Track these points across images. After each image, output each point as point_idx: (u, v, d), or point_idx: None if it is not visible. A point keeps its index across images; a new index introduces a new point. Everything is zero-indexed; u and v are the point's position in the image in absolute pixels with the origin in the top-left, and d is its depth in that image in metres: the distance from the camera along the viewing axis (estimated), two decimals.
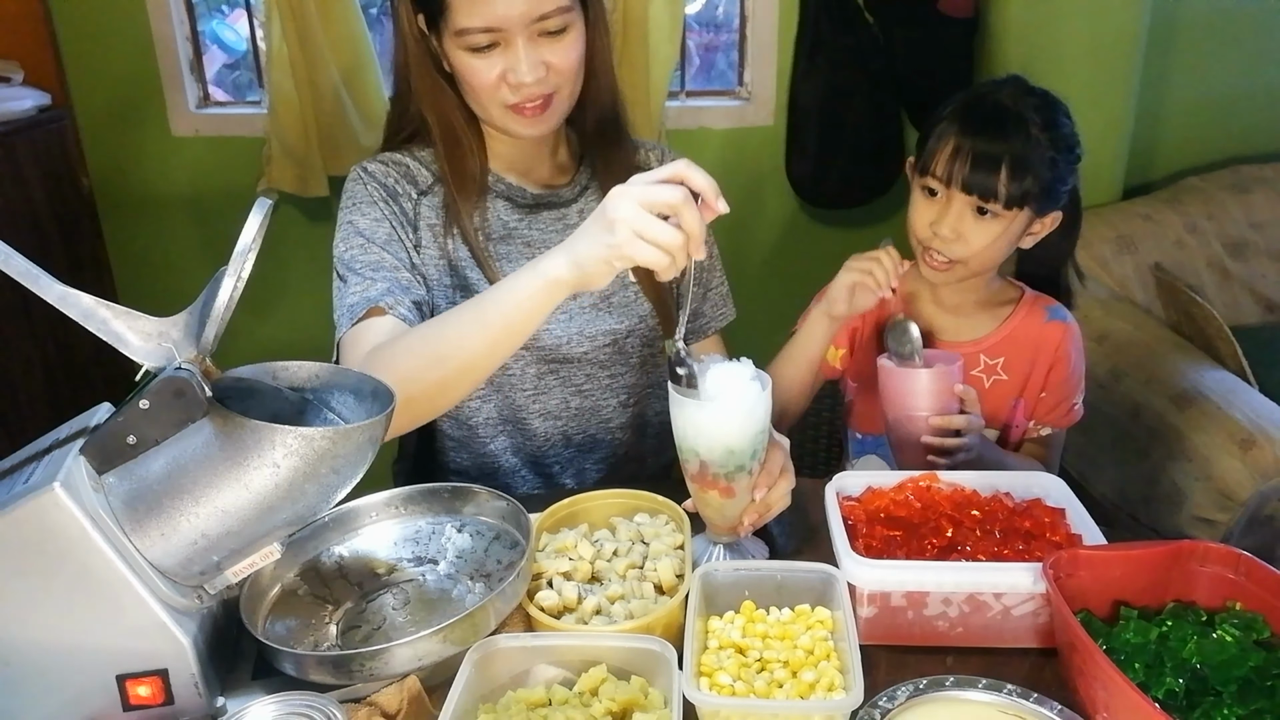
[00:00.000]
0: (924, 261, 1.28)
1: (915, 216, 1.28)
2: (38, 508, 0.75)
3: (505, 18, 1.12)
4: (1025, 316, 1.35)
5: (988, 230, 1.23)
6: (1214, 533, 1.73)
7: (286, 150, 2.47)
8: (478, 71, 1.17)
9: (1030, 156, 1.20)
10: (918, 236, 1.28)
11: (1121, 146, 2.43)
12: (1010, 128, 1.21)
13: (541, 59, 1.16)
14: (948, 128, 1.23)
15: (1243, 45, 2.55)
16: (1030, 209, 1.23)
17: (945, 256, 1.25)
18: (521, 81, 1.15)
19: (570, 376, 1.33)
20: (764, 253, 2.73)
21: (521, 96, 1.17)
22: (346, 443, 0.80)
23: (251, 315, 2.60)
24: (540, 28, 1.14)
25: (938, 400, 1.20)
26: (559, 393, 1.33)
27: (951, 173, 1.21)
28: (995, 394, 1.34)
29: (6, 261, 0.73)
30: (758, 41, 2.54)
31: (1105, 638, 0.84)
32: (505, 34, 1.13)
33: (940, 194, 1.24)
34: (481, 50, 1.15)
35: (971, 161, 1.20)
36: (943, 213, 1.24)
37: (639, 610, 0.90)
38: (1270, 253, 2.41)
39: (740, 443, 0.96)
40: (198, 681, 0.81)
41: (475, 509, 1.05)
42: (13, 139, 2.35)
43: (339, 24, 2.37)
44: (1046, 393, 1.34)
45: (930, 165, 1.24)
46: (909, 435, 1.22)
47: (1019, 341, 1.34)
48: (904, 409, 1.22)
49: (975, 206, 1.22)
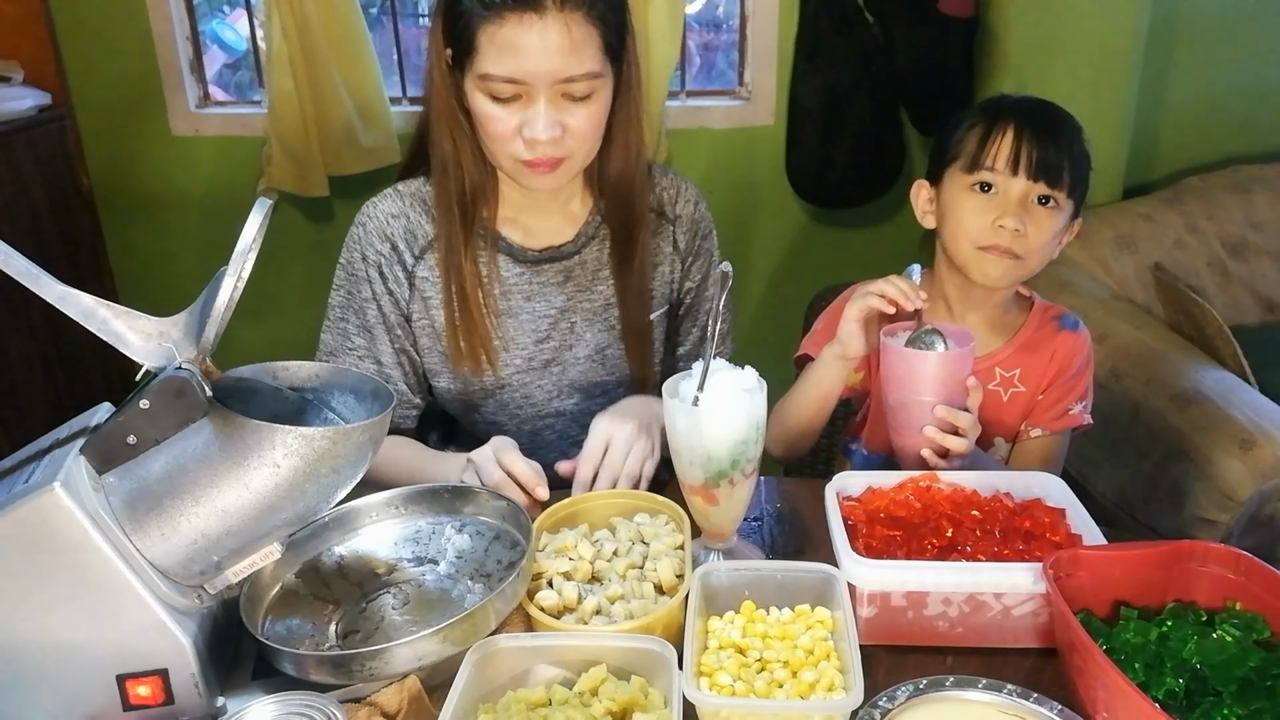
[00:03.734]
0: (987, 259, 1.23)
1: (969, 219, 1.23)
2: (38, 508, 0.75)
3: (532, 73, 1.10)
4: (1038, 327, 1.33)
5: (1051, 221, 1.22)
6: (1214, 533, 1.73)
7: (286, 150, 2.47)
8: (495, 120, 1.14)
9: (1082, 152, 1.23)
10: (974, 239, 1.23)
11: (1121, 146, 2.43)
12: (1062, 122, 1.23)
13: (560, 120, 1.13)
14: (1000, 122, 1.22)
15: (1243, 45, 2.56)
16: (1074, 206, 1.24)
17: (1011, 250, 1.21)
18: (536, 138, 1.13)
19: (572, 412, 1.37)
20: (763, 252, 2.73)
21: (535, 154, 1.15)
22: (346, 443, 0.80)
23: (252, 315, 2.59)
24: (565, 89, 1.12)
25: (945, 387, 1.10)
26: (562, 403, 1.36)
27: (1018, 160, 1.20)
28: (1014, 407, 1.32)
29: (6, 261, 0.73)
30: (758, 41, 2.55)
31: (1105, 638, 0.84)
32: (529, 88, 1.11)
33: (997, 188, 1.22)
34: (502, 100, 1.13)
35: (1038, 149, 1.20)
36: (1004, 205, 1.21)
37: (639, 610, 0.90)
38: (1270, 253, 2.41)
39: (719, 450, 0.96)
40: (198, 681, 0.81)
41: (475, 509, 1.05)
42: (13, 139, 2.36)
43: (339, 24, 2.37)
44: (1043, 395, 1.32)
45: (985, 159, 1.22)
46: (909, 421, 1.13)
47: (1034, 352, 1.31)
48: (909, 393, 1.12)
49: (1039, 195, 1.21)
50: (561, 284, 1.31)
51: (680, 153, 2.56)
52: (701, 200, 1.38)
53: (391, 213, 1.28)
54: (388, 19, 2.62)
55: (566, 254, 1.31)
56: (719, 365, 1.00)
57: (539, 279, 1.30)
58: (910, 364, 1.11)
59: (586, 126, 1.16)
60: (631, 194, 1.28)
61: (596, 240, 1.32)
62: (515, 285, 1.30)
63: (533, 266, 1.30)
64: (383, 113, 2.49)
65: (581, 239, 1.32)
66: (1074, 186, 1.22)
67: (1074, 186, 1.22)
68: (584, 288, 1.32)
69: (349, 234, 1.29)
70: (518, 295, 1.30)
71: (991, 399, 1.27)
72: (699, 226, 1.37)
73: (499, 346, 1.30)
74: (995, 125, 1.22)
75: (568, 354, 1.33)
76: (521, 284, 1.30)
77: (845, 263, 2.69)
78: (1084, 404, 1.32)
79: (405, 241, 1.28)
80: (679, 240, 1.36)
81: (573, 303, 1.32)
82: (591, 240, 1.32)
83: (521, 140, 1.14)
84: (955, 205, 1.26)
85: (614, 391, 1.36)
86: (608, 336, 1.34)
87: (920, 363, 1.10)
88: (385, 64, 2.56)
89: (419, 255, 1.28)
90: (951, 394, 1.11)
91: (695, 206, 1.37)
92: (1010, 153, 1.21)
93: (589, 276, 1.32)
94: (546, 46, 1.09)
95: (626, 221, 1.29)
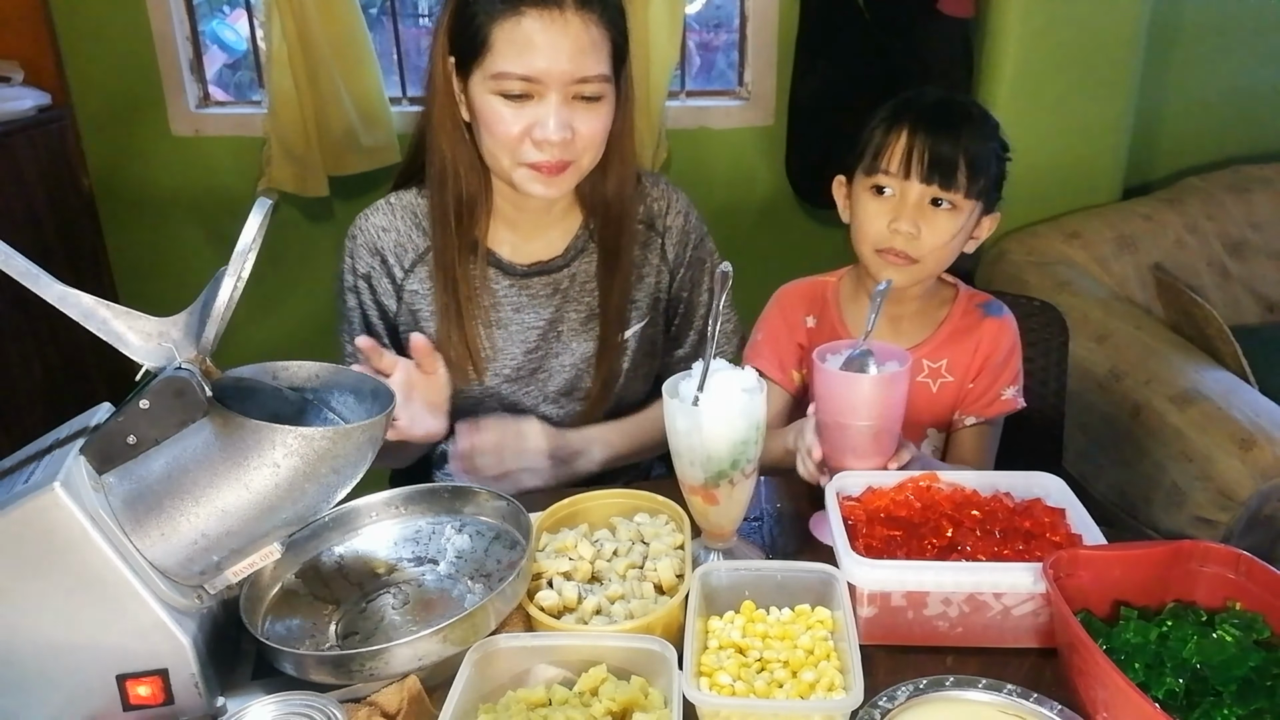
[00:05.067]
0: (884, 263, 1.24)
1: (867, 221, 1.25)
2: (38, 508, 0.75)
3: (547, 71, 1.10)
4: (962, 316, 1.32)
5: (948, 223, 1.21)
6: (1214, 533, 1.73)
7: (286, 150, 2.47)
8: (504, 120, 1.13)
9: (983, 150, 1.21)
10: (872, 241, 1.24)
11: (1121, 146, 2.43)
12: (961, 121, 1.21)
13: (570, 122, 1.13)
14: (897, 124, 1.21)
15: (1243, 45, 2.56)
16: (981, 204, 1.23)
17: (906, 253, 1.21)
18: (547, 138, 1.12)
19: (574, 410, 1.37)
20: (763, 252, 2.72)
21: (542, 156, 1.14)
22: (346, 442, 0.80)
23: (251, 315, 2.60)
24: (578, 90, 1.13)
25: (878, 408, 1.04)
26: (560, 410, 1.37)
27: (910, 164, 1.19)
28: (944, 397, 1.32)
29: (6, 261, 0.74)
30: (758, 41, 2.54)
31: (1105, 638, 0.84)
32: (542, 87, 1.11)
33: (893, 191, 1.22)
34: (513, 99, 1.12)
35: (930, 151, 1.19)
36: (899, 208, 1.21)
37: (639, 610, 0.90)
38: (1270, 253, 2.41)
39: (720, 450, 0.96)
40: (198, 681, 0.81)
41: (475, 509, 1.05)
42: (13, 139, 2.35)
43: (339, 24, 2.37)
44: (974, 383, 1.31)
45: (882, 162, 1.22)
46: (844, 442, 1.07)
47: (960, 341, 1.31)
48: (842, 415, 1.06)
49: (933, 198, 1.20)
50: (550, 296, 1.31)
51: (680, 153, 2.55)
52: (693, 210, 1.39)
53: (382, 226, 1.28)
54: (388, 19, 2.62)
55: (555, 268, 1.31)
56: (719, 365, 1.00)
57: (528, 292, 1.31)
58: (843, 386, 1.06)
59: (594, 131, 1.16)
60: (622, 210, 1.29)
61: (585, 254, 1.33)
62: (505, 297, 1.30)
63: (521, 280, 1.31)
64: (382, 113, 2.49)
65: (570, 253, 1.32)
66: (972, 186, 1.20)
67: (972, 186, 1.20)
68: (572, 299, 1.32)
69: (342, 245, 1.30)
70: (507, 307, 1.30)
71: (920, 391, 1.28)
72: (689, 237, 1.37)
73: (488, 356, 1.30)
74: (893, 127, 1.22)
75: (554, 362, 1.33)
76: (511, 296, 1.30)
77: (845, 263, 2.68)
78: (1015, 388, 1.32)
79: (395, 255, 1.28)
80: (668, 252, 1.36)
81: (560, 314, 1.32)
82: (580, 254, 1.32)
83: (530, 141, 1.14)
84: (858, 206, 1.28)
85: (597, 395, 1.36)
86: (594, 345, 1.34)
87: (853, 385, 1.05)
88: (385, 64, 2.56)
89: (409, 269, 1.29)
90: (884, 416, 1.05)
91: (686, 218, 1.37)
92: (903, 155, 1.20)
93: (577, 289, 1.32)
94: (565, 43, 1.10)
95: (615, 237, 1.30)
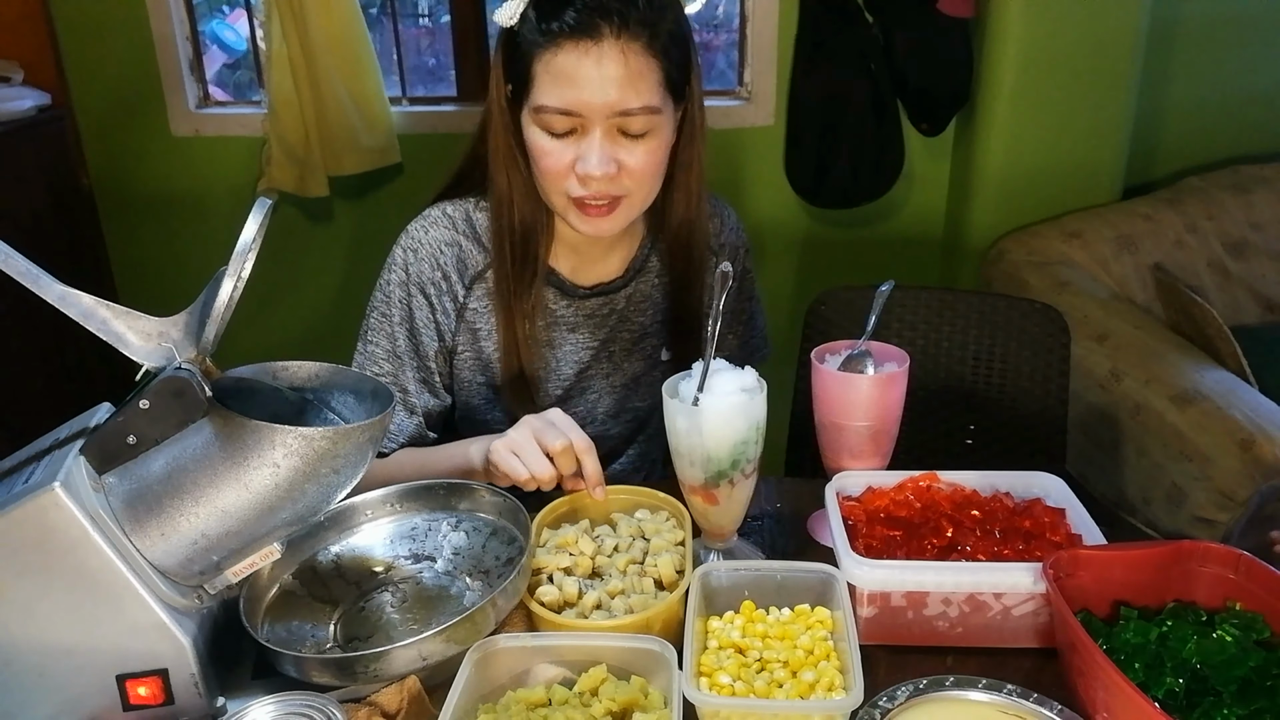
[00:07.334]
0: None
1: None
2: (38, 508, 0.75)
3: (587, 104, 1.06)
4: None
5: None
6: (1214, 533, 1.73)
7: (286, 150, 2.47)
8: (548, 154, 1.10)
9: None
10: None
11: (1121, 146, 2.43)
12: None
13: (615, 156, 1.09)
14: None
15: (1243, 45, 2.56)
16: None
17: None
18: (590, 173, 1.08)
19: None
20: (763, 253, 2.73)
21: (588, 191, 1.10)
22: (346, 442, 0.80)
23: (251, 315, 2.60)
24: (621, 124, 1.08)
25: (875, 409, 1.06)
26: None
27: None
28: None
29: (6, 261, 0.74)
30: (758, 41, 2.54)
31: (1105, 638, 0.84)
32: (584, 121, 1.07)
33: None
34: (557, 134, 1.09)
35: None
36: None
37: (639, 605, 0.90)
38: (1270, 253, 2.41)
39: (720, 450, 0.96)
40: (198, 681, 0.81)
41: (471, 505, 1.05)
42: (13, 139, 2.35)
43: (339, 24, 2.37)
44: None
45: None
46: (840, 443, 1.08)
47: None
48: (839, 415, 1.07)
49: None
50: (606, 316, 1.30)
51: None
52: (740, 224, 1.39)
53: (445, 241, 1.23)
54: (388, 19, 2.62)
55: (615, 289, 1.30)
56: (719, 365, 1.00)
57: (584, 311, 1.29)
58: (840, 387, 1.06)
59: (644, 166, 1.11)
60: (691, 242, 1.26)
61: (645, 273, 1.31)
62: (561, 317, 1.28)
63: (579, 300, 1.28)
64: (383, 113, 2.49)
65: (630, 272, 1.30)
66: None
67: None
68: (626, 319, 1.31)
69: (393, 256, 1.24)
70: (562, 327, 1.28)
71: None
72: (739, 253, 1.38)
73: (542, 377, 1.28)
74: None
75: (604, 382, 1.32)
76: (567, 315, 1.28)
77: (845, 263, 2.69)
78: None
79: (457, 271, 1.24)
80: None
81: (614, 334, 1.31)
82: (640, 273, 1.31)
83: (575, 177, 1.10)
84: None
85: (645, 416, 1.36)
86: (644, 365, 1.33)
87: (850, 386, 1.06)
88: (385, 64, 2.56)
89: (469, 285, 1.25)
90: (882, 416, 1.06)
91: (737, 234, 1.38)
92: None
93: (632, 309, 1.31)
94: (602, 76, 1.05)
95: (685, 268, 1.27)
